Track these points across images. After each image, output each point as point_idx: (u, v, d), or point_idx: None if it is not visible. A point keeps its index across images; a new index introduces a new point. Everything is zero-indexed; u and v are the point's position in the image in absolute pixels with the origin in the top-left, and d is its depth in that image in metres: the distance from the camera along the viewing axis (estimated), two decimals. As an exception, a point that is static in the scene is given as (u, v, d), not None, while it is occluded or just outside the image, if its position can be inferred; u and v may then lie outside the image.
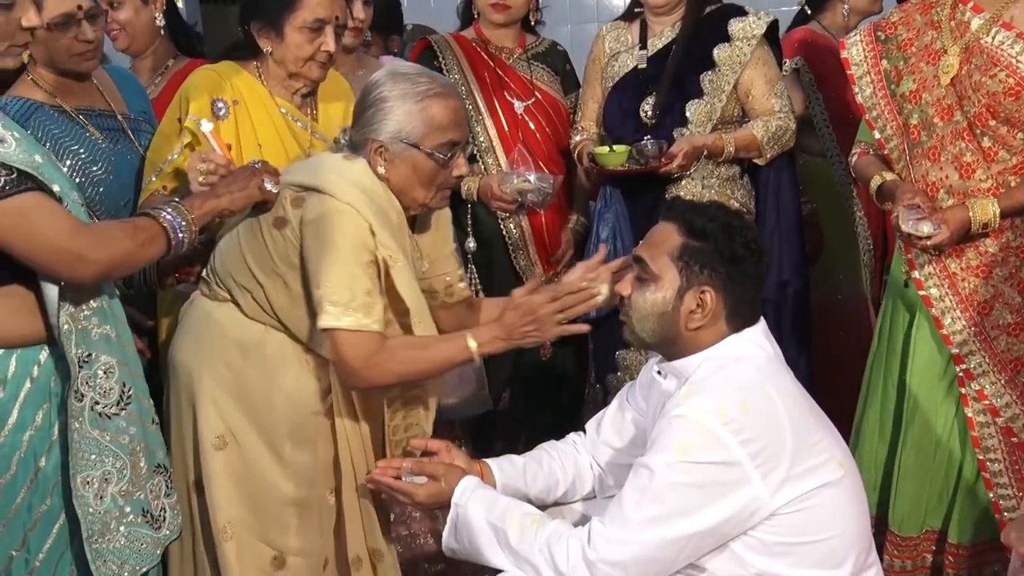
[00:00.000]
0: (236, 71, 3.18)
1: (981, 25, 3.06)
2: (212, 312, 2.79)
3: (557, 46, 4.21)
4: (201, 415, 2.74)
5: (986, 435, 3.17)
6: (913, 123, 3.17)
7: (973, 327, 3.12)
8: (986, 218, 3.02)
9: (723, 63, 3.81)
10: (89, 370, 2.38)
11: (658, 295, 2.46)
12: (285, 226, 2.67)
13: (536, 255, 4.02)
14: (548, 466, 2.76)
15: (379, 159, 2.70)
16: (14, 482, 2.37)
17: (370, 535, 2.83)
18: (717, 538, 2.34)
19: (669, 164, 3.66)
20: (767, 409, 2.34)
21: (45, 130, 3.07)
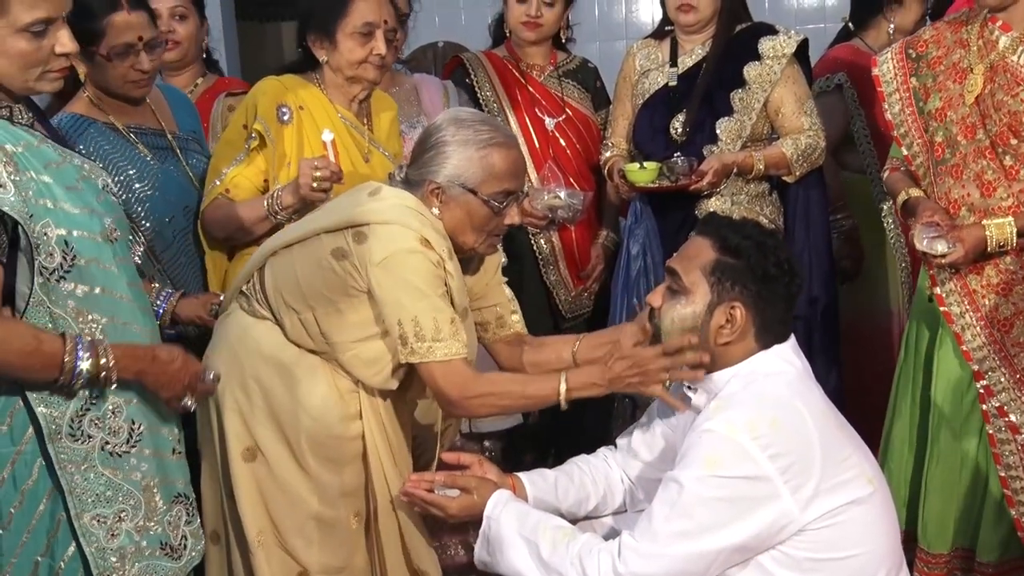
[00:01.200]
0: (298, 81, 3.29)
1: (1008, 44, 3.05)
2: (250, 328, 2.79)
3: (588, 63, 4.22)
4: (229, 427, 2.75)
5: (1007, 452, 3.14)
6: (938, 140, 3.16)
7: (993, 344, 3.12)
8: (1003, 238, 3.01)
9: (753, 81, 3.81)
10: (97, 411, 2.36)
11: (688, 309, 2.46)
12: (345, 258, 2.66)
13: (566, 270, 4.03)
14: (579, 480, 2.75)
15: (434, 200, 2.72)
16: (36, 490, 2.36)
17: (414, 556, 2.81)
18: (746, 552, 2.33)
19: (699, 181, 3.66)
20: (796, 425, 2.33)
21: (96, 146, 3.11)
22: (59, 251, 2.29)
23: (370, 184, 2.82)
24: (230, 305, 2.90)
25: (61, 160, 2.38)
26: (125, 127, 3.20)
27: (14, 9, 2.23)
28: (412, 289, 2.60)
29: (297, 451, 2.72)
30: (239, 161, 3.23)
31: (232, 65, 6.99)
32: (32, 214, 2.25)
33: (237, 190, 3.21)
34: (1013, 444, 3.13)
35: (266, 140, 3.21)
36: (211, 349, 2.86)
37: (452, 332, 2.60)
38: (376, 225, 2.64)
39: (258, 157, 3.24)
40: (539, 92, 4.08)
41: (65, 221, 2.30)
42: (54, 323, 2.30)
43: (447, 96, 3.97)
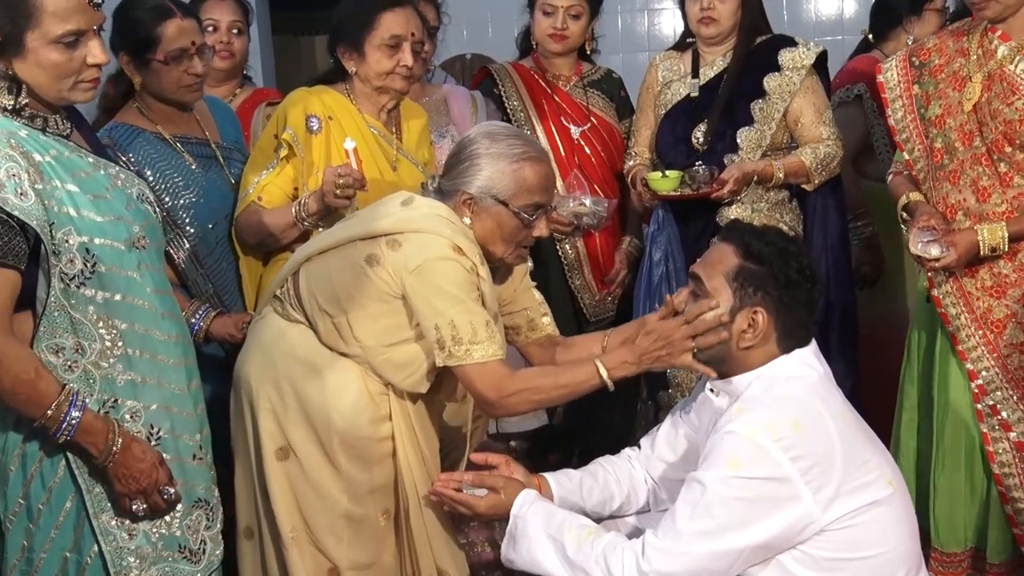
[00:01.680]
0: (328, 92, 3.31)
1: (1007, 54, 3.04)
2: (284, 331, 2.79)
3: (612, 74, 4.22)
4: (262, 427, 2.74)
5: (1000, 450, 3.15)
6: (937, 147, 3.16)
7: (987, 345, 3.13)
8: (995, 242, 3.01)
9: (773, 92, 3.79)
10: (116, 414, 2.37)
11: (712, 314, 2.45)
12: (378, 264, 2.67)
13: (591, 275, 4.02)
14: (604, 480, 2.75)
15: (466, 210, 2.74)
16: (62, 488, 2.38)
17: (438, 558, 2.81)
18: (767, 552, 2.32)
19: (720, 189, 3.65)
20: (818, 427, 2.32)
21: (144, 154, 3.17)
22: (80, 258, 2.31)
23: (403, 193, 2.84)
24: (263, 309, 2.91)
25: (92, 169, 2.40)
26: (172, 137, 3.25)
27: (46, 22, 2.25)
28: (447, 295, 2.61)
29: (329, 451, 2.72)
30: (270, 170, 3.25)
31: (268, 77, 7.03)
32: (53, 222, 2.27)
33: (269, 197, 3.23)
34: (1006, 442, 3.14)
35: (295, 150, 3.22)
36: (245, 351, 2.87)
37: (488, 335, 2.61)
38: (410, 233, 2.67)
39: (288, 166, 3.25)
40: (565, 102, 4.08)
41: (87, 229, 2.32)
42: (75, 328, 2.32)
43: (475, 106, 3.98)
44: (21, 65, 2.28)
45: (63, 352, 2.31)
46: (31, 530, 2.38)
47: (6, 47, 2.26)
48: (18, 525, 2.39)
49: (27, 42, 2.26)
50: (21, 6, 2.24)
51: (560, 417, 4.00)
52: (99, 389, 2.35)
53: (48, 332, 2.31)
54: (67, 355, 2.32)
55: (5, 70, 2.28)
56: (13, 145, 2.24)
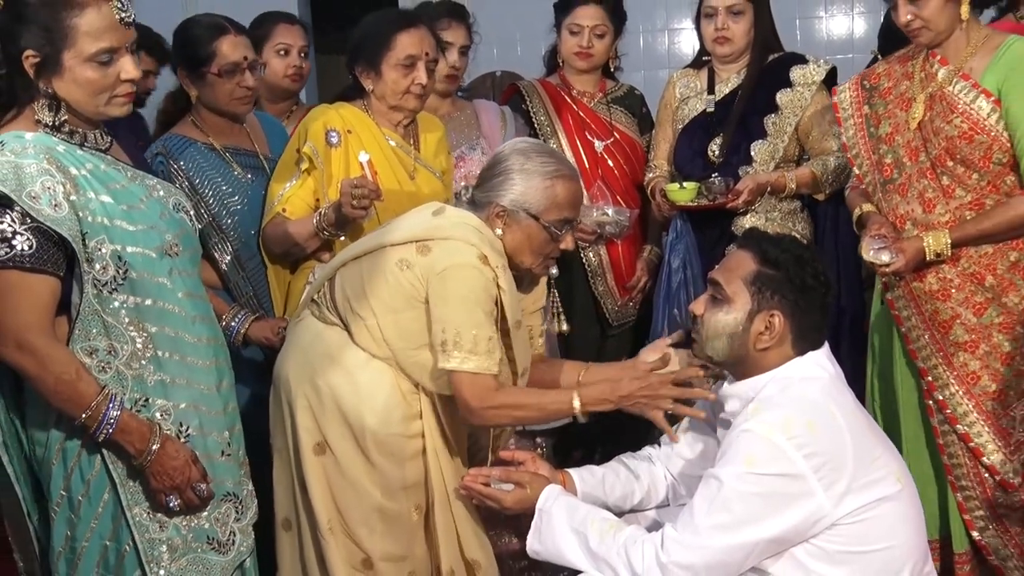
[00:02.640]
0: (348, 107, 3.31)
1: (945, 76, 3.12)
2: (321, 333, 2.80)
3: (634, 90, 4.21)
4: (300, 424, 2.74)
5: (949, 442, 3.21)
6: (888, 162, 3.23)
7: (935, 344, 3.19)
8: (939, 248, 3.07)
9: (785, 107, 3.78)
10: (147, 412, 2.38)
11: (730, 316, 2.44)
12: (409, 269, 2.68)
13: (613, 282, 4.01)
14: (625, 476, 2.74)
15: (498, 221, 2.75)
16: (99, 481, 2.39)
17: (466, 547, 2.80)
18: (781, 545, 2.31)
19: (736, 200, 3.64)
20: (830, 426, 2.31)
21: (195, 163, 3.23)
22: (112, 265, 2.32)
23: (434, 204, 2.85)
24: (302, 312, 2.91)
25: (127, 181, 2.41)
26: (222, 147, 3.31)
27: (81, 41, 2.27)
28: (462, 301, 2.62)
29: (363, 446, 2.72)
30: (293, 182, 3.24)
31: (311, 95, 7.06)
32: (87, 231, 2.28)
33: (292, 209, 3.23)
34: (953, 435, 3.20)
35: (315, 162, 3.21)
36: (284, 352, 2.87)
37: (488, 349, 2.61)
38: (440, 240, 2.67)
39: (309, 179, 3.24)
40: (589, 117, 4.06)
41: (120, 238, 2.33)
42: (107, 331, 2.33)
43: (504, 120, 3.98)
44: (60, 83, 2.30)
45: (96, 354, 2.33)
46: (73, 520, 2.40)
47: (45, 67, 2.28)
48: (61, 515, 2.41)
49: (64, 61, 2.28)
50: (58, 28, 2.26)
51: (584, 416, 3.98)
52: (131, 389, 2.36)
53: (82, 335, 2.32)
54: (100, 356, 2.33)
55: (45, 89, 2.30)
56: (50, 159, 2.26)
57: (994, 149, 3.05)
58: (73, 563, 2.41)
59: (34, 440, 2.40)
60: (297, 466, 2.77)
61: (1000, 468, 3.14)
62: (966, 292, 3.13)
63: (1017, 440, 3.14)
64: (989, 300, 3.12)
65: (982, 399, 3.15)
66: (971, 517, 3.20)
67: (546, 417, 2.78)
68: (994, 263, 3.10)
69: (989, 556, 3.22)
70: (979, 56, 3.08)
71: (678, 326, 3.68)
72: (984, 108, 3.05)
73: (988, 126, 3.04)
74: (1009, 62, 3.03)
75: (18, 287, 2.25)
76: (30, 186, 2.22)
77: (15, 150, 2.24)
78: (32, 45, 2.26)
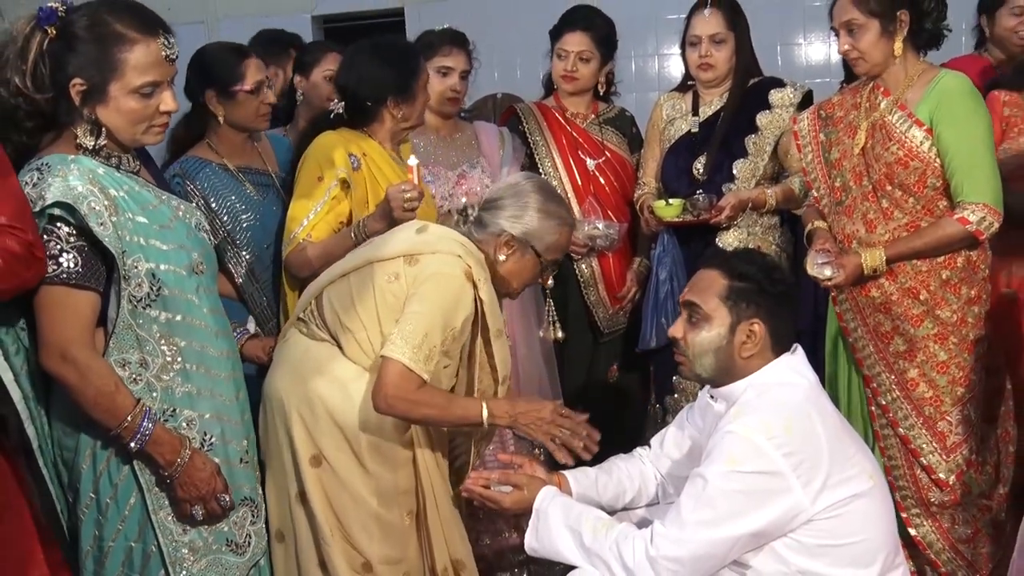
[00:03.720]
0: (355, 134, 3.31)
1: (887, 106, 3.19)
2: (311, 349, 2.78)
3: (625, 112, 4.22)
4: (296, 438, 2.72)
5: (889, 445, 3.28)
6: (837, 185, 3.30)
7: (878, 353, 3.26)
8: (875, 263, 3.14)
9: (765, 127, 3.79)
10: (175, 422, 2.38)
11: (712, 333, 2.46)
12: (396, 281, 2.69)
13: (604, 292, 4.02)
14: (617, 477, 2.75)
15: (505, 248, 2.81)
16: (127, 485, 2.40)
17: (452, 547, 2.82)
18: (761, 539, 2.33)
19: (719, 216, 3.65)
20: (807, 427, 2.32)
21: (210, 183, 3.26)
22: (147, 282, 2.33)
23: (416, 222, 2.88)
24: (288, 331, 2.90)
25: (158, 202, 2.42)
26: (235, 168, 3.34)
27: (129, 74, 2.30)
28: (432, 305, 2.63)
29: (359, 456, 2.71)
30: (319, 209, 3.20)
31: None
32: (125, 250, 2.30)
33: (317, 234, 3.19)
34: (893, 438, 3.27)
35: (350, 185, 3.20)
36: (273, 369, 2.85)
37: (428, 355, 2.61)
38: (428, 254, 2.70)
39: (339, 204, 3.21)
40: (582, 137, 4.07)
41: (154, 256, 2.34)
42: (140, 345, 2.34)
43: (503, 140, 3.99)
44: (103, 111, 2.32)
45: (129, 366, 2.34)
46: (100, 521, 2.40)
47: (91, 95, 2.30)
48: (89, 516, 2.41)
49: (110, 92, 2.30)
50: (109, 60, 2.28)
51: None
52: (160, 399, 2.36)
53: (117, 348, 2.33)
54: (132, 369, 2.34)
55: (89, 115, 2.32)
56: (92, 181, 2.28)
57: (928, 175, 3.12)
58: (100, 561, 2.42)
59: (62, 445, 2.40)
60: (297, 478, 2.75)
61: (936, 468, 3.21)
62: (904, 306, 3.19)
63: (953, 442, 3.21)
64: (925, 313, 3.18)
65: (920, 404, 3.21)
66: (908, 515, 3.26)
67: (449, 421, 2.74)
68: (928, 280, 3.17)
69: (925, 551, 3.27)
70: (915, 88, 3.15)
71: (666, 335, 3.73)
72: (918, 137, 3.11)
73: (921, 153, 3.11)
74: (939, 95, 3.10)
75: (64, 302, 2.27)
76: (80, 206, 2.24)
77: (62, 172, 2.26)
78: (81, 74, 2.28)
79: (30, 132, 2.33)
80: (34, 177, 2.26)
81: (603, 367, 4.07)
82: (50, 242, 2.25)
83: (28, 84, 2.28)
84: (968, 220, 3.07)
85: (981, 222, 3.06)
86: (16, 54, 2.28)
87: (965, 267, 3.18)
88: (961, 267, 3.18)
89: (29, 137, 2.34)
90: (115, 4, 2.33)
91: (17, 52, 2.28)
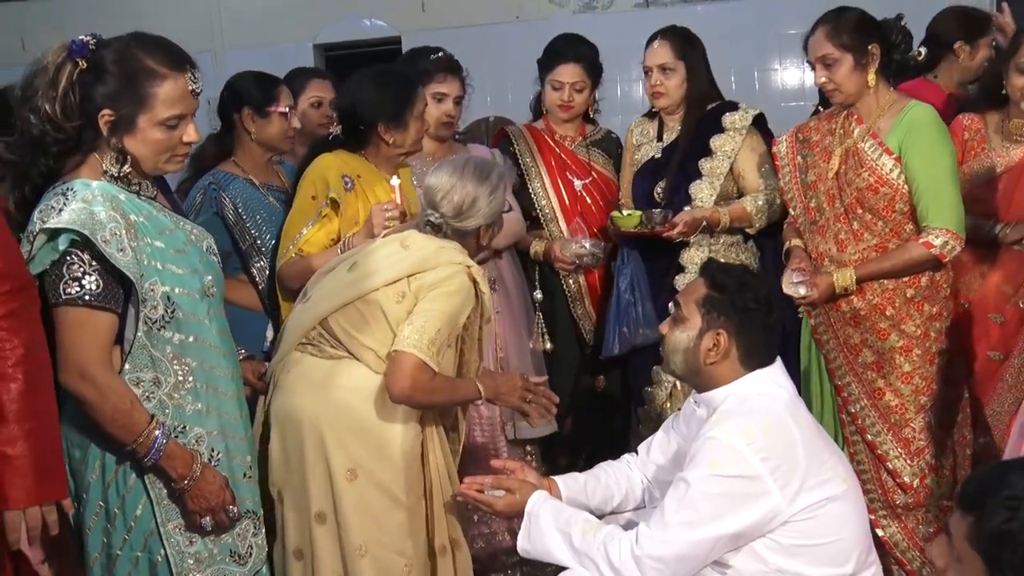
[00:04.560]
0: (352, 156, 3.36)
1: (859, 133, 3.26)
2: (332, 368, 2.80)
3: (611, 134, 4.22)
4: (332, 456, 2.72)
5: (858, 451, 3.35)
6: (812, 206, 3.37)
7: (848, 364, 3.34)
8: (845, 283, 3.23)
9: (718, 150, 3.76)
10: (184, 438, 2.37)
11: (684, 334, 2.49)
12: (404, 299, 2.73)
13: (590, 306, 4.03)
14: (605, 481, 2.76)
15: (486, 237, 2.93)
16: (134, 496, 2.38)
17: (451, 527, 2.86)
18: (741, 540, 2.34)
19: (671, 231, 3.67)
20: (785, 433, 2.34)
21: (238, 194, 3.43)
22: (162, 305, 2.33)
23: (394, 238, 2.90)
24: (287, 357, 2.89)
25: (174, 227, 2.43)
26: (260, 183, 3.51)
27: (157, 107, 2.31)
28: (443, 305, 2.70)
29: (392, 461, 2.74)
30: (310, 227, 3.25)
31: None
32: (143, 274, 2.29)
33: (309, 249, 3.24)
34: (861, 443, 3.35)
35: (340, 205, 3.24)
36: (293, 393, 2.83)
37: (438, 350, 2.69)
38: (430, 270, 2.75)
39: (330, 222, 3.26)
40: (569, 158, 4.08)
41: (170, 280, 2.34)
42: (154, 364, 2.34)
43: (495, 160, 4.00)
44: (130, 140, 2.33)
45: (142, 384, 2.33)
46: (108, 530, 2.38)
47: (120, 125, 2.31)
48: (97, 525, 2.39)
49: (139, 123, 2.32)
50: (139, 94, 2.30)
51: (568, 427, 4.02)
52: (171, 417, 2.35)
53: (132, 367, 2.32)
54: (146, 387, 2.33)
55: (116, 144, 2.33)
56: (114, 207, 2.28)
57: (896, 200, 3.19)
58: (108, 568, 2.40)
59: (71, 456, 2.38)
60: (323, 497, 2.74)
61: (901, 472, 3.28)
62: (872, 320, 3.26)
63: (916, 448, 3.27)
64: (891, 327, 3.25)
65: (887, 412, 3.28)
66: (875, 517, 3.30)
67: (455, 402, 2.90)
68: (894, 297, 3.24)
69: (892, 550, 3.31)
70: (886, 118, 3.23)
71: (628, 342, 3.77)
72: (887, 164, 3.18)
73: (891, 180, 3.18)
74: (908, 125, 3.17)
75: (85, 323, 2.26)
76: (101, 231, 2.24)
77: (86, 198, 2.26)
78: (110, 105, 2.29)
79: (56, 156, 2.33)
80: (60, 201, 2.26)
81: (590, 377, 4.07)
82: (73, 264, 2.25)
83: (57, 112, 2.28)
84: (932, 244, 3.15)
85: (944, 246, 3.15)
86: (47, 83, 2.29)
87: (928, 286, 3.26)
88: (925, 286, 3.26)
89: (55, 161, 2.34)
90: (145, 39, 2.35)
91: (48, 81, 2.29)
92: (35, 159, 2.33)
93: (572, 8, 6.78)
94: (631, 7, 6.59)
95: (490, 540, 3.72)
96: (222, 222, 3.39)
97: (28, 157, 2.33)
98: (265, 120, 3.48)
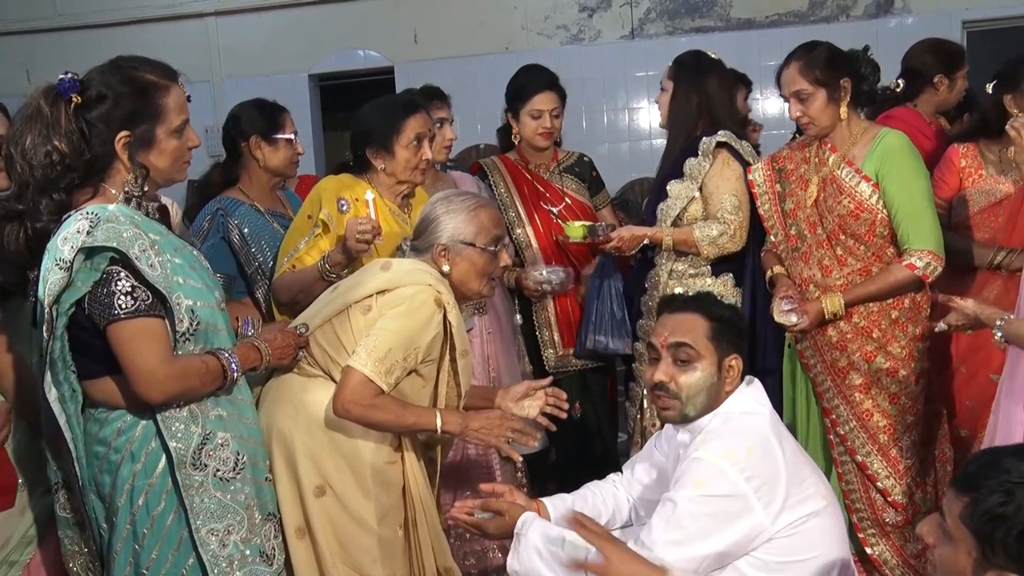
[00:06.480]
0: (354, 180, 3.34)
1: (834, 161, 3.29)
2: (307, 385, 2.78)
3: (584, 157, 4.22)
4: (301, 470, 2.70)
5: (847, 471, 3.36)
6: (792, 233, 3.40)
7: (836, 387, 3.35)
8: (834, 309, 3.25)
9: (687, 173, 3.67)
10: (211, 444, 2.38)
11: (705, 372, 2.45)
12: (369, 312, 2.71)
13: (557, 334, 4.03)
14: (592, 501, 2.75)
15: (443, 259, 2.80)
16: (163, 515, 2.38)
17: (440, 556, 2.82)
18: (726, 558, 2.33)
19: (607, 243, 3.67)
20: (767, 452, 2.34)
21: (245, 219, 3.50)
22: (187, 318, 2.35)
23: (379, 261, 2.89)
24: (275, 376, 2.88)
25: (182, 247, 2.44)
26: (264, 209, 3.58)
27: (170, 116, 2.35)
28: (400, 325, 2.66)
29: (361, 481, 2.72)
30: (304, 244, 3.27)
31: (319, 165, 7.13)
32: (169, 288, 2.31)
33: (300, 266, 3.25)
34: (851, 463, 3.35)
35: (329, 227, 3.24)
36: (272, 406, 2.80)
37: (389, 368, 2.64)
38: (399, 288, 2.72)
39: (321, 241, 3.26)
40: (543, 187, 4.08)
41: (191, 294, 2.36)
42: None
43: (480, 188, 4.00)
44: (148, 155, 2.35)
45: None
46: (136, 551, 2.38)
47: (138, 143, 2.33)
48: (126, 546, 2.39)
49: (158, 136, 2.34)
50: (152, 107, 2.33)
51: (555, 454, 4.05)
52: (200, 425, 2.37)
53: None
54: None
55: (137, 162, 2.34)
56: (135, 226, 2.28)
57: (876, 225, 3.21)
58: None
59: (98, 482, 2.40)
60: (297, 512, 2.72)
61: (891, 491, 3.28)
62: (858, 343, 3.27)
63: (905, 466, 3.27)
64: (877, 349, 3.26)
65: (875, 433, 3.28)
66: (864, 535, 3.32)
67: (404, 426, 2.73)
68: (879, 320, 3.26)
69: (881, 567, 3.31)
70: (860, 145, 3.26)
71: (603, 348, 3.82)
72: (866, 190, 3.21)
73: (870, 205, 3.20)
74: (882, 152, 3.20)
75: (145, 330, 2.29)
76: (131, 248, 2.25)
77: (110, 218, 2.26)
78: (127, 127, 2.31)
79: (67, 191, 2.34)
80: (84, 225, 2.25)
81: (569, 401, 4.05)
82: (120, 280, 2.27)
83: (66, 149, 2.28)
84: (915, 266, 3.17)
85: (927, 267, 3.17)
86: (47, 126, 2.28)
87: (911, 307, 3.28)
88: (908, 307, 3.27)
89: (67, 195, 2.34)
90: (134, 60, 2.37)
91: (48, 124, 2.28)
92: (49, 194, 2.32)
93: (560, 40, 6.82)
94: (616, 38, 6.63)
95: (482, 557, 3.70)
96: (228, 247, 3.45)
97: (40, 196, 2.32)
98: (273, 147, 3.57)
